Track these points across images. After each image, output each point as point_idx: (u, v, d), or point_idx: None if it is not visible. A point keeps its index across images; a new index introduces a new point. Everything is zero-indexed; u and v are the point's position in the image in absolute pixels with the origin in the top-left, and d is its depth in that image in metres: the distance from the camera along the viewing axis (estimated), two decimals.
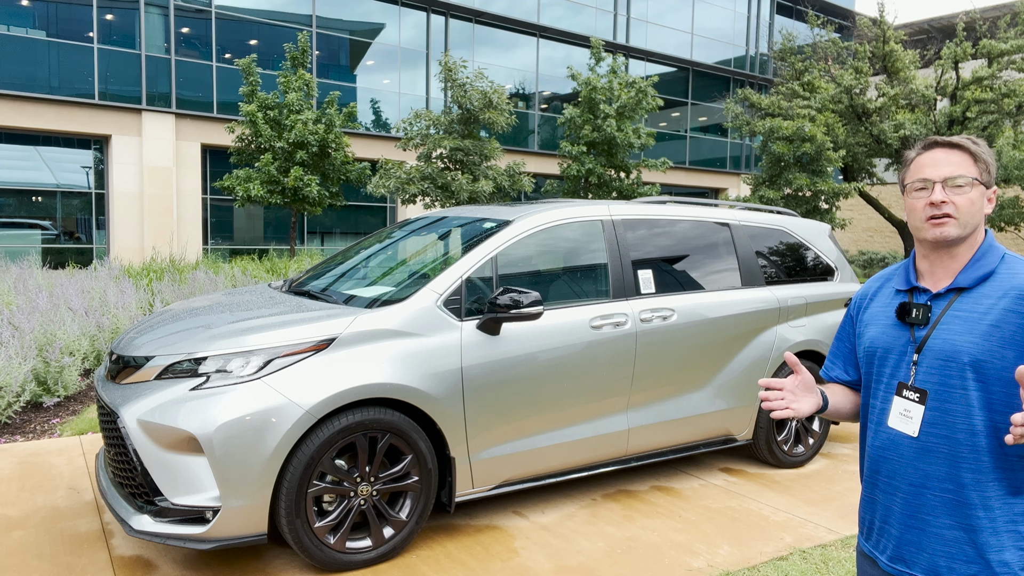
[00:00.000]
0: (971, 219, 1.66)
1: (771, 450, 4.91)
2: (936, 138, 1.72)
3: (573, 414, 4.02)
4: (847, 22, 29.67)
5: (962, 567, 1.61)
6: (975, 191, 1.66)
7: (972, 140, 1.70)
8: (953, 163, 1.67)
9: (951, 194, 1.66)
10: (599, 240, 4.32)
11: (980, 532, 1.59)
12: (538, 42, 23.75)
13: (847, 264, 5.59)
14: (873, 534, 1.79)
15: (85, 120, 16.98)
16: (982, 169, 1.68)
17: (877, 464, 1.76)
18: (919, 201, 1.70)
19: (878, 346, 1.78)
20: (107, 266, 10.69)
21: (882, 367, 1.77)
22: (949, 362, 1.63)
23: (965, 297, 1.66)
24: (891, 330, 1.76)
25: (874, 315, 1.83)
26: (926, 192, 1.69)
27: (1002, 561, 1.57)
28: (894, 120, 17.97)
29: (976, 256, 1.69)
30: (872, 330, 1.81)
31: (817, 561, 3.59)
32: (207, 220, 19.09)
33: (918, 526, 1.67)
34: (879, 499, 1.76)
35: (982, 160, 1.68)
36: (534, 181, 16.08)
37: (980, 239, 1.71)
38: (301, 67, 15.03)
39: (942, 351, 1.64)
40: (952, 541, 1.62)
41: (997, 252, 1.69)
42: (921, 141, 1.75)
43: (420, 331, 3.56)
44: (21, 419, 5.58)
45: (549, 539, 3.78)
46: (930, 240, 1.69)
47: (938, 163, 1.68)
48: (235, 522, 3.10)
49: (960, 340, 1.62)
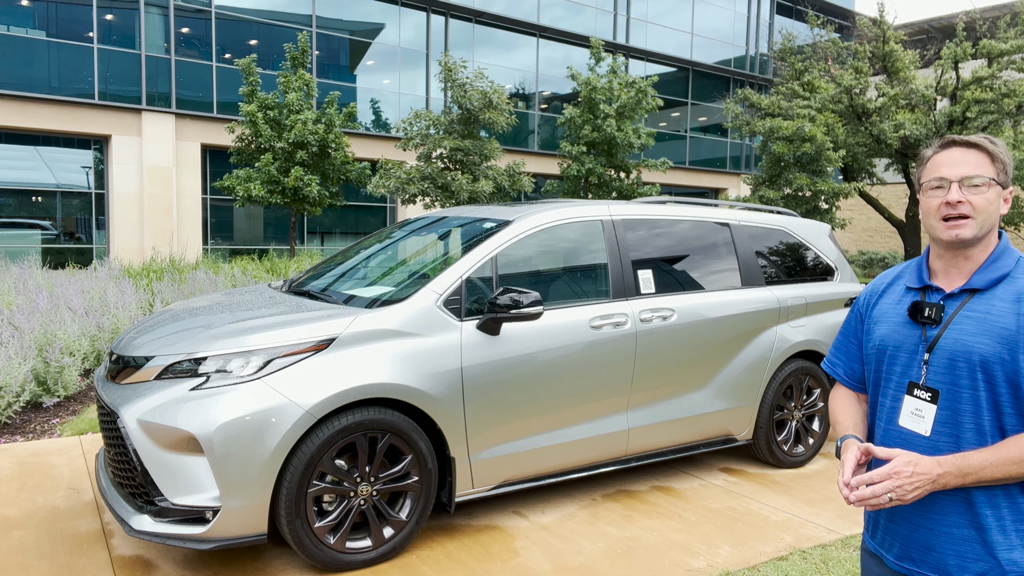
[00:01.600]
0: (987, 220, 1.65)
1: (771, 450, 4.91)
2: (954, 137, 1.71)
3: (573, 414, 4.02)
4: (847, 22, 29.67)
5: (972, 565, 1.61)
6: (992, 191, 1.65)
7: (990, 140, 1.68)
8: (970, 162, 1.66)
9: (968, 194, 1.64)
10: (599, 240, 4.32)
11: (989, 531, 1.60)
12: (538, 42, 23.74)
13: (847, 264, 5.59)
14: (879, 532, 1.79)
15: (85, 120, 16.98)
16: (999, 169, 1.67)
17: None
18: (935, 200, 1.69)
19: (888, 344, 1.77)
20: (107, 266, 10.69)
21: (892, 365, 1.76)
22: (960, 362, 1.63)
23: (978, 298, 1.66)
24: (902, 328, 1.75)
25: (884, 312, 1.81)
26: (942, 191, 1.67)
27: (1011, 560, 1.58)
28: (894, 120, 17.98)
29: (991, 258, 1.68)
30: (882, 328, 1.80)
31: (817, 561, 3.58)
32: (207, 220, 19.08)
33: (927, 525, 1.67)
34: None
35: (999, 160, 1.67)
36: (534, 181, 16.08)
37: (995, 240, 1.70)
38: (301, 67, 15.02)
39: (953, 351, 1.64)
40: (962, 539, 1.62)
41: (1013, 255, 1.68)
42: (938, 140, 1.73)
43: (420, 331, 3.56)
44: (21, 419, 5.57)
45: (549, 539, 3.78)
46: (945, 241, 1.68)
47: (955, 162, 1.67)
48: (235, 522, 3.10)
49: (972, 341, 1.62)
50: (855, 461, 1.65)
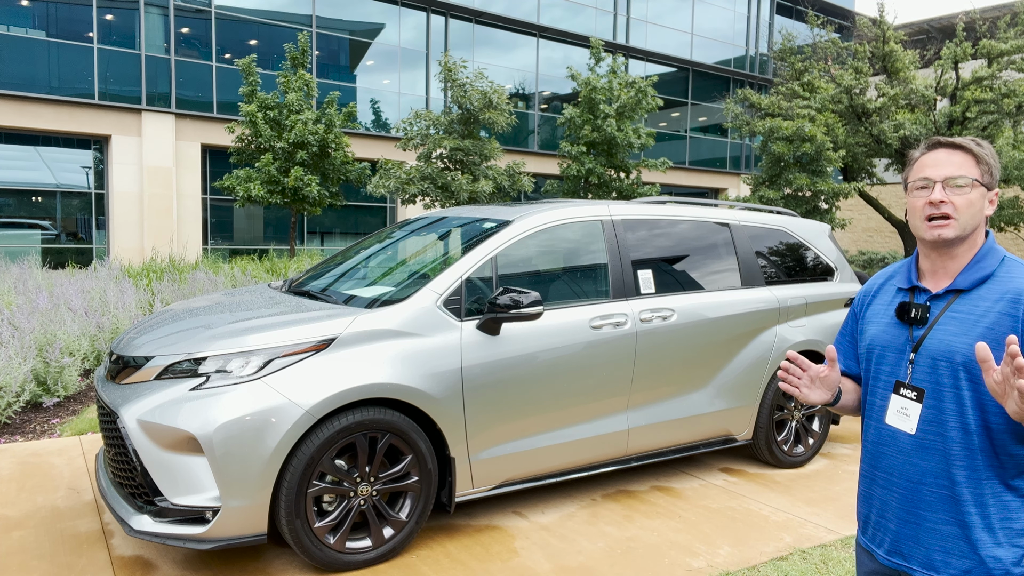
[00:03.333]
0: (970, 220, 1.68)
1: (771, 450, 4.91)
2: (940, 138, 1.74)
3: (573, 414, 4.02)
4: (847, 22, 29.67)
5: (957, 561, 1.64)
6: (975, 192, 1.68)
7: (976, 141, 1.71)
8: (955, 163, 1.69)
9: (951, 194, 1.67)
10: (599, 240, 4.32)
11: (973, 528, 1.62)
12: (538, 42, 23.74)
13: (847, 264, 5.59)
14: (870, 528, 1.83)
15: (85, 120, 16.98)
16: (984, 171, 1.69)
17: (875, 460, 1.80)
18: (919, 200, 1.72)
19: (877, 344, 1.81)
20: (107, 266, 10.68)
21: (880, 364, 1.80)
22: (944, 362, 1.65)
23: (963, 299, 1.68)
24: (891, 328, 1.79)
25: (875, 312, 1.85)
26: (927, 191, 1.71)
27: (995, 556, 1.60)
28: (894, 120, 17.98)
29: (976, 258, 1.71)
30: (873, 328, 1.84)
31: (817, 561, 3.59)
32: (207, 220, 19.08)
33: (915, 521, 1.70)
34: (876, 494, 1.79)
35: (984, 162, 1.70)
36: (534, 181, 16.08)
37: (980, 241, 1.73)
38: (301, 67, 15.02)
39: (937, 351, 1.67)
40: (947, 536, 1.65)
41: (997, 255, 1.70)
42: (925, 141, 1.76)
43: (420, 331, 3.56)
44: (21, 419, 5.57)
45: (549, 539, 3.78)
46: (929, 241, 1.72)
47: (940, 163, 1.70)
48: (235, 522, 3.10)
49: (955, 341, 1.64)
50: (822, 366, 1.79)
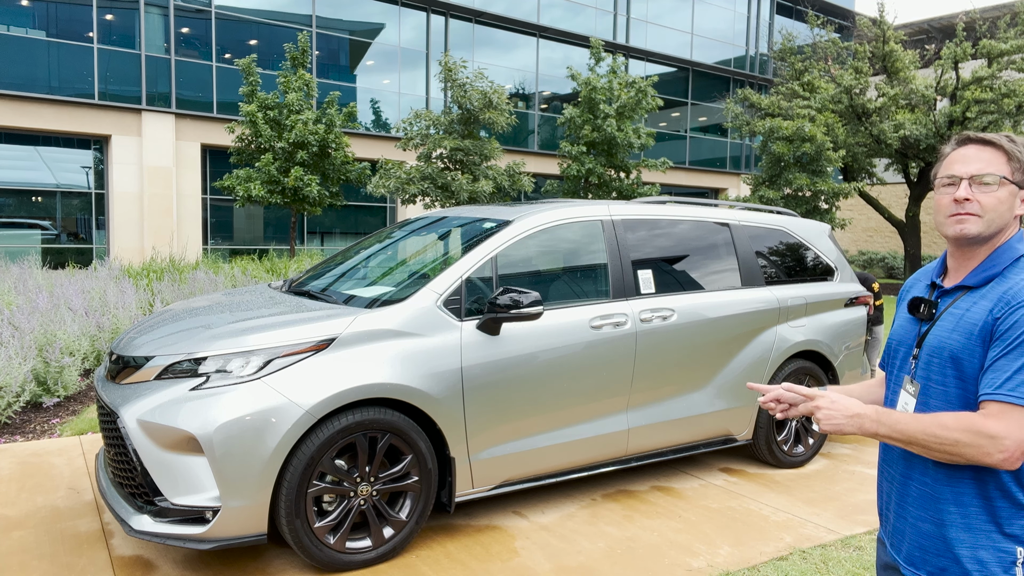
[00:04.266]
0: (997, 218, 1.62)
1: (771, 450, 4.91)
2: (970, 134, 1.69)
3: (573, 414, 4.02)
4: (847, 22, 29.67)
5: (933, 559, 1.63)
6: (1004, 190, 1.61)
7: (1009, 137, 1.65)
8: (983, 160, 1.62)
9: (977, 192, 1.62)
10: (599, 240, 4.32)
11: (950, 527, 1.60)
12: (538, 42, 23.74)
13: (847, 264, 5.59)
14: (882, 519, 1.86)
15: (85, 120, 16.98)
16: (1015, 168, 1.62)
17: (884, 454, 1.82)
18: (945, 197, 1.66)
19: (894, 339, 1.83)
20: (107, 266, 10.68)
21: (894, 359, 1.81)
22: (934, 358, 1.66)
23: (968, 296, 1.65)
24: (906, 324, 1.80)
25: (902, 309, 1.86)
26: (953, 188, 1.65)
27: (977, 559, 1.56)
28: (894, 120, 17.99)
29: (991, 256, 1.65)
30: (895, 323, 1.86)
31: (817, 561, 3.59)
32: (207, 220, 19.08)
33: (902, 515, 1.72)
34: (884, 488, 1.82)
35: (1016, 159, 1.62)
36: (534, 181, 16.08)
37: (1004, 240, 1.66)
38: (301, 67, 15.03)
39: (931, 346, 1.67)
40: (926, 534, 1.65)
41: (1012, 254, 1.64)
42: (956, 136, 1.71)
43: (420, 331, 3.56)
44: (21, 419, 5.57)
45: (549, 539, 3.78)
46: (951, 236, 1.66)
47: (968, 159, 1.64)
48: (235, 522, 3.10)
49: (946, 337, 1.64)
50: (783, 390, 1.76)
